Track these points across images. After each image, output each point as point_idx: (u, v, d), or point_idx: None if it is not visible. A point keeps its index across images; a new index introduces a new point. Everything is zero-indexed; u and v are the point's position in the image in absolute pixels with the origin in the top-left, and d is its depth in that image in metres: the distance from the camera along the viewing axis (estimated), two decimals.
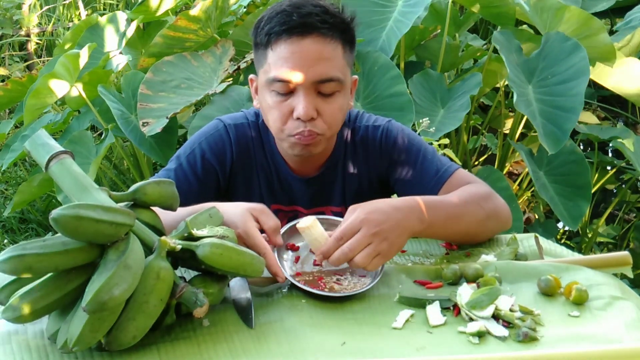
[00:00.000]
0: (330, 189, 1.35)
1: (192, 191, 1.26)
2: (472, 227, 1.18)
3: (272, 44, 1.16)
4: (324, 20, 1.15)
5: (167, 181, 1.00)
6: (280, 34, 1.15)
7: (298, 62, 1.14)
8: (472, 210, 1.17)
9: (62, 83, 2.38)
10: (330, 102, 1.19)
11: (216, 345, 0.87)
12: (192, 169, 1.29)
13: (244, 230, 1.02)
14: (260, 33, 1.19)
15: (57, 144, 0.94)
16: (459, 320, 0.93)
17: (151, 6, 2.80)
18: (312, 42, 1.15)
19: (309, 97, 1.16)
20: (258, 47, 1.21)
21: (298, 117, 1.16)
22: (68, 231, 0.81)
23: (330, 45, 1.16)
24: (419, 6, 2.19)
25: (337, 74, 1.17)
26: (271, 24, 1.16)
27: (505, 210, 1.23)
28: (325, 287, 1.00)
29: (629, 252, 1.06)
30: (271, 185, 1.34)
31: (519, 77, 2.12)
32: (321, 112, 1.18)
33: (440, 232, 1.16)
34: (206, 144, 1.30)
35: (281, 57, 1.15)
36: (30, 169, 3.51)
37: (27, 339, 0.88)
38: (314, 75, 1.15)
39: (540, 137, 1.97)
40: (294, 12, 1.14)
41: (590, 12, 2.75)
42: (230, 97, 2.30)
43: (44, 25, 4.65)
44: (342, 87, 1.20)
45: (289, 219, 1.36)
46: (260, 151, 1.33)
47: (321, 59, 1.15)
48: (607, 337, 0.86)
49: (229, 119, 1.34)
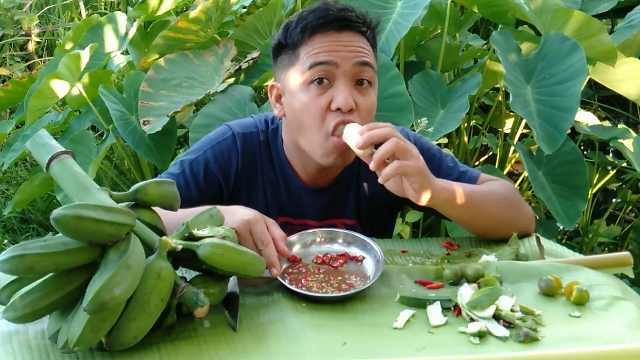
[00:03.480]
0: (343, 200, 1.32)
1: (192, 199, 1.23)
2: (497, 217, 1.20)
3: (307, 39, 1.16)
4: (358, 17, 1.17)
5: (168, 181, 1.00)
6: (317, 28, 1.15)
7: (338, 47, 1.15)
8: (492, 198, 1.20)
9: (63, 83, 2.39)
10: (366, 97, 1.18)
11: (217, 345, 0.87)
12: (195, 177, 1.26)
13: (255, 218, 1.02)
14: (292, 33, 1.17)
15: (58, 144, 0.94)
16: (460, 320, 0.93)
17: (151, 6, 2.80)
18: (349, 36, 1.16)
19: (349, 87, 1.16)
20: (286, 50, 1.19)
21: (338, 107, 1.14)
22: (69, 231, 0.81)
23: (364, 41, 1.18)
24: (417, 8, 2.19)
25: (373, 63, 1.19)
26: (306, 20, 1.16)
27: (528, 211, 1.26)
28: (322, 289, 1.00)
29: (629, 253, 1.07)
30: (278, 197, 1.31)
31: (517, 78, 2.12)
32: (358, 105, 1.17)
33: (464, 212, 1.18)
34: (211, 152, 1.27)
35: (319, 45, 1.15)
36: (31, 169, 3.51)
37: (28, 339, 0.88)
38: (354, 58, 1.15)
39: (537, 137, 1.97)
40: (330, 8, 1.16)
41: (591, 13, 2.76)
42: (232, 96, 2.29)
43: (44, 25, 4.65)
44: (374, 82, 1.20)
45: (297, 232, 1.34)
46: (268, 162, 1.30)
47: (359, 49, 1.16)
48: (608, 337, 0.86)
49: (238, 126, 1.30)
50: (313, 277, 1.03)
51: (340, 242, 1.14)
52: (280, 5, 2.53)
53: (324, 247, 1.13)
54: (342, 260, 1.08)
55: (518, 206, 1.23)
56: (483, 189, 1.22)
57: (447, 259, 1.15)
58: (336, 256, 1.10)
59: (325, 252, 1.11)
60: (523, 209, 1.25)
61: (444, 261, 1.13)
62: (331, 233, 1.15)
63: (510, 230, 1.19)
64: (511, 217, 1.21)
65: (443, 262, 1.11)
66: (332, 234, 1.15)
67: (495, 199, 1.20)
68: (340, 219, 1.33)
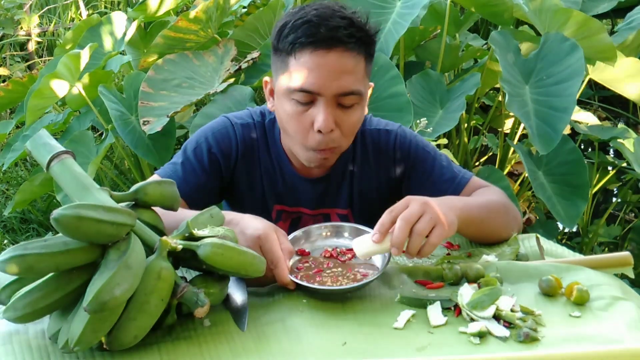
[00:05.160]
0: (336, 190, 1.35)
1: (200, 183, 1.27)
2: (495, 225, 1.21)
3: (297, 53, 1.15)
4: (351, 34, 1.14)
5: (168, 181, 1.00)
6: (306, 45, 1.13)
7: (322, 75, 1.14)
8: (494, 208, 1.21)
9: (63, 83, 2.39)
10: (349, 114, 1.18)
11: (217, 345, 0.87)
12: (199, 161, 1.28)
13: (265, 233, 1.01)
14: (283, 40, 1.17)
15: (58, 144, 0.94)
16: (460, 320, 0.93)
17: (151, 6, 2.80)
18: (337, 56, 1.14)
19: (329, 108, 1.16)
20: (279, 53, 1.19)
21: (319, 129, 1.16)
22: (69, 231, 0.81)
23: (355, 59, 1.16)
24: (416, 7, 2.19)
25: (359, 87, 1.17)
26: (296, 34, 1.14)
27: (517, 211, 1.28)
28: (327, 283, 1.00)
29: (629, 253, 1.07)
30: (275, 186, 1.34)
31: (516, 78, 2.12)
32: (340, 123, 1.18)
33: (473, 229, 1.18)
34: (213, 138, 1.30)
35: (305, 68, 1.14)
36: (31, 169, 3.51)
37: (28, 339, 0.88)
38: (336, 89, 1.15)
39: (533, 137, 1.96)
40: (321, 24, 1.13)
41: (591, 13, 2.76)
42: (232, 96, 2.29)
43: (44, 25, 4.65)
44: (361, 100, 1.20)
45: (292, 220, 1.36)
46: (265, 151, 1.33)
47: (345, 72, 1.15)
48: (608, 337, 0.86)
49: (236, 117, 1.34)
50: (326, 272, 1.03)
51: (347, 235, 1.13)
52: (280, 5, 2.53)
53: (330, 241, 1.13)
54: (350, 255, 1.08)
55: (511, 209, 1.26)
56: (483, 201, 1.22)
57: (447, 259, 1.15)
58: (345, 250, 1.10)
59: (333, 247, 1.11)
60: (514, 210, 1.28)
61: (444, 261, 1.13)
62: (337, 227, 1.14)
63: (507, 233, 1.22)
64: (508, 221, 1.24)
65: (443, 262, 1.11)
66: (338, 227, 1.14)
67: (496, 209, 1.21)
68: (333, 208, 1.36)
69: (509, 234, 1.21)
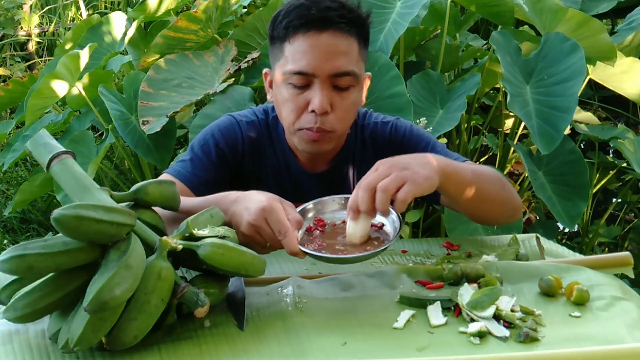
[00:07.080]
0: (341, 185, 1.35)
1: (210, 178, 1.28)
2: (489, 193, 1.16)
3: (290, 37, 1.17)
4: (342, 15, 1.17)
5: (168, 181, 1.00)
6: (298, 28, 1.16)
7: (316, 56, 1.16)
8: (488, 178, 1.17)
9: (63, 83, 2.39)
10: (345, 97, 1.20)
11: (217, 345, 0.87)
12: (207, 156, 1.29)
13: (269, 204, 0.99)
14: (277, 27, 1.20)
15: (58, 144, 0.94)
16: (460, 320, 0.93)
17: (151, 6, 2.80)
18: (329, 37, 1.16)
19: (325, 90, 1.17)
20: (275, 41, 1.22)
21: (313, 109, 1.17)
22: (69, 231, 0.81)
23: (347, 40, 1.18)
24: (416, 7, 2.19)
25: (353, 68, 1.19)
26: (289, 18, 1.17)
27: (516, 195, 1.24)
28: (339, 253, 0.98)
29: (629, 253, 1.07)
30: (281, 182, 1.35)
31: (517, 78, 2.12)
32: (335, 106, 1.19)
33: (460, 191, 1.12)
34: (219, 134, 1.31)
35: (299, 51, 1.16)
36: (31, 169, 3.51)
37: (28, 339, 0.88)
38: (330, 69, 1.16)
39: (535, 137, 1.97)
40: (312, 6, 1.16)
41: (591, 13, 2.76)
42: (231, 96, 2.29)
43: (45, 25, 4.65)
44: (357, 82, 1.21)
45: None
46: (271, 149, 1.34)
47: (338, 53, 1.17)
48: (608, 337, 0.86)
49: (240, 115, 1.35)
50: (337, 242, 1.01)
51: None
52: (280, 5, 2.53)
53: (341, 214, 1.10)
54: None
55: (509, 187, 1.24)
56: (475, 167, 1.20)
57: (447, 259, 1.15)
58: None
59: (343, 219, 1.07)
60: (512, 190, 1.25)
61: (444, 261, 1.13)
62: (348, 199, 1.08)
63: (505, 211, 1.20)
64: (505, 197, 1.21)
65: (443, 262, 1.11)
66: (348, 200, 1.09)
67: (490, 179, 1.19)
68: None
69: (508, 214, 1.19)
